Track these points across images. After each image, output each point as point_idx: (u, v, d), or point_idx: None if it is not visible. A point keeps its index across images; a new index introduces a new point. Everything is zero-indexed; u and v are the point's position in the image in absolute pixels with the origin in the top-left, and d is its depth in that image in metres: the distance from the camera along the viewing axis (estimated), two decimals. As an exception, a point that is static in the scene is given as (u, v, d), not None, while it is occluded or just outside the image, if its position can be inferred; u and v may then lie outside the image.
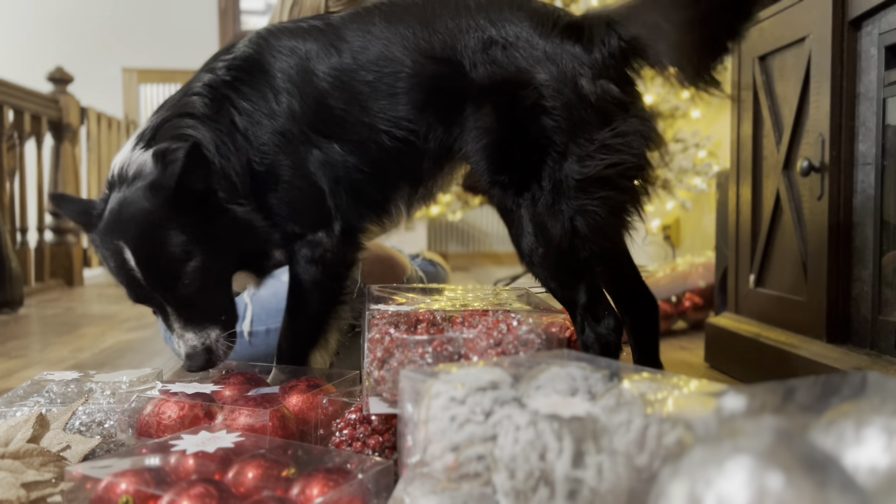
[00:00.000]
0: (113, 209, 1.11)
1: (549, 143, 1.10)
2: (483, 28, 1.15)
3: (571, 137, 1.10)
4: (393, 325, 0.91)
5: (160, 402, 1.00)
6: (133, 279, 1.10)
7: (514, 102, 1.12)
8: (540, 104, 1.10)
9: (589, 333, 1.13)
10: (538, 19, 1.14)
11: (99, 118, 4.40)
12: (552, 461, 0.54)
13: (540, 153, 1.11)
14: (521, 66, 1.12)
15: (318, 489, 0.74)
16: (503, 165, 1.14)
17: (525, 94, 1.11)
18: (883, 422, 0.47)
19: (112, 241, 1.09)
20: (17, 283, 2.86)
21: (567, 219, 1.10)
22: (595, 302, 1.14)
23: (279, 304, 1.62)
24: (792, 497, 0.39)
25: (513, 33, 1.13)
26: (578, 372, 0.68)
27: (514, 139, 1.13)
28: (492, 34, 1.14)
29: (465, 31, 1.15)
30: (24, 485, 0.81)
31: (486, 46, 1.14)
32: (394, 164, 1.22)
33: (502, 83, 1.12)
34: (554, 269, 1.13)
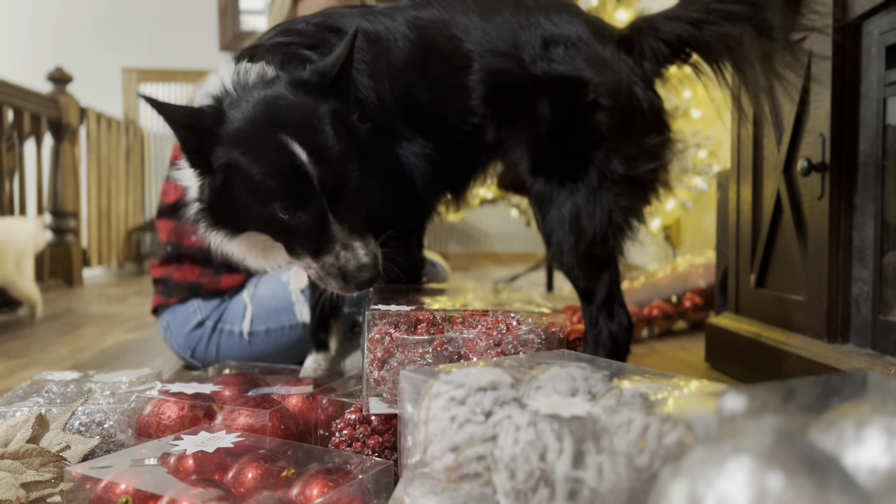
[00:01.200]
0: (261, 107, 0.98)
1: (601, 140, 1.17)
2: (544, 27, 1.19)
3: (623, 138, 1.18)
4: (393, 325, 0.91)
5: (160, 402, 1.00)
6: (300, 176, 0.95)
7: (572, 98, 1.18)
8: (598, 102, 1.17)
9: (602, 328, 1.18)
10: (595, 28, 1.21)
11: (98, 118, 4.40)
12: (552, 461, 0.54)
13: (591, 147, 1.18)
14: (581, 67, 1.18)
15: (318, 489, 0.74)
16: (551, 155, 1.19)
17: (584, 91, 1.17)
18: (883, 422, 0.46)
19: (273, 135, 0.95)
20: (17, 283, 2.85)
21: (606, 211, 1.18)
22: (613, 298, 1.20)
23: (278, 305, 1.63)
24: (792, 497, 0.39)
25: (574, 36, 1.19)
26: (578, 372, 0.68)
27: (567, 131, 1.18)
28: (553, 33, 1.19)
29: (524, 28, 1.19)
30: (23, 485, 0.81)
31: (546, 44, 1.18)
32: (457, 160, 1.23)
33: (562, 80, 1.18)
34: (583, 258, 1.19)
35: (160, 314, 1.71)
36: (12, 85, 3.26)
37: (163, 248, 1.70)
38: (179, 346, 1.67)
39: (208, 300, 1.65)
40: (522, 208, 2.87)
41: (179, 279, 1.66)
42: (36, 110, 3.56)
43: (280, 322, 1.63)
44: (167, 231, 1.69)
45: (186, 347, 1.67)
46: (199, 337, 1.65)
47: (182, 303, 1.66)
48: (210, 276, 1.65)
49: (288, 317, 1.62)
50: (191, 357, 1.68)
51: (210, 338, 1.65)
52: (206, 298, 1.65)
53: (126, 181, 4.91)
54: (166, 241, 1.68)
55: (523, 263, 5.39)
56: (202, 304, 1.64)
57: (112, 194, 4.64)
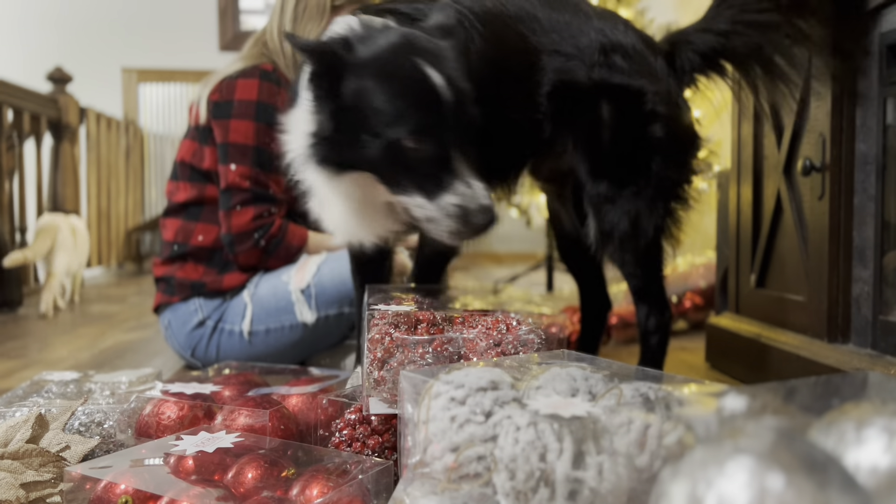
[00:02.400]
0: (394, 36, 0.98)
1: (660, 147, 1.25)
2: (603, 34, 1.24)
3: (677, 146, 1.27)
4: (393, 325, 0.91)
5: (159, 402, 1.00)
6: (432, 100, 0.93)
7: (631, 106, 1.24)
8: (655, 112, 1.24)
9: (653, 320, 1.29)
10: (646, 40, 1.28)
11: (98, 118, 4.40)
12: (552, 462, 0.54)
13: (650, 154, 1.25)
14: (638, 75, 1.24)
15: (318, 490, 0.74)
16: (611, 159, 1.26)
17: (643, 101, 1.23)
18: (884, 422, 0.46)
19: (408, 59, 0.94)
20: (17, 284, 2.85)
21: (661, 215, 1.28)
22: (663, 293, 1.31)
23: (278, 304, 1.63)
24: (793, 497, 0.39)
25: (630, 46, 1.25)
26: (578, 372, 0.68)
27: (626, 137, 1.25)
28: (612, 41, 1.24)
29: (585, 33, 1.24)
30: (23, 485, 0.81)
31: (605, 51, 1.24)
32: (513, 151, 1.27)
33: (622, 87, 1.23)
34: (642, 257, 1.27)
35: (161, 313, 1.71)
36: (12, 85, 3.26)
37: (168, 247, 1.69)
38: (180, 345, 1.67)
39: (210, 299, 1.64)
40: (522, 208, 2.87)
41: (182, 278, 1.66)
42: (35, 110, 3.55)
43: (280, 322, 1.62)
44: (174, 230, 1.68)
45: (187, 347, 1.66)
46: (200, 336, 1.65)
47: (184, 301, 1.65)
48: (213, 276, 1.65)
49: (288, 317, 1.61)
50: (191, 356, 1.68)
51: (210, 337, 1.64)
52: (207, 297, 1.64)
53: (126, 181, 4.91)
54: (172, 240, 1.68)
55: (523, 263, 5.39)
56: (203, 304, 1.64)
57: (112, 194, 4.64)
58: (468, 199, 0.93)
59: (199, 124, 1.66)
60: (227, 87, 1.59)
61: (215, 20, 5.27)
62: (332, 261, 1.63)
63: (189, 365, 1.75)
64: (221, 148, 1.59)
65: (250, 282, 1.66)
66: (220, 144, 1.60)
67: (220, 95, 1.60)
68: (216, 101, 1.60)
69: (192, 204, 1.67)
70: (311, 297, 1.60)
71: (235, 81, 1.58)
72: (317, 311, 1.60)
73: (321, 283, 1.60)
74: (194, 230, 1.66)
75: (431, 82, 0.93)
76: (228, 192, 1.59)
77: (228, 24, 5.25)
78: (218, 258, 1.66)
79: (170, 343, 1.72)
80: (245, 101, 1.56)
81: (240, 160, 1.57)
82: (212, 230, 1.65)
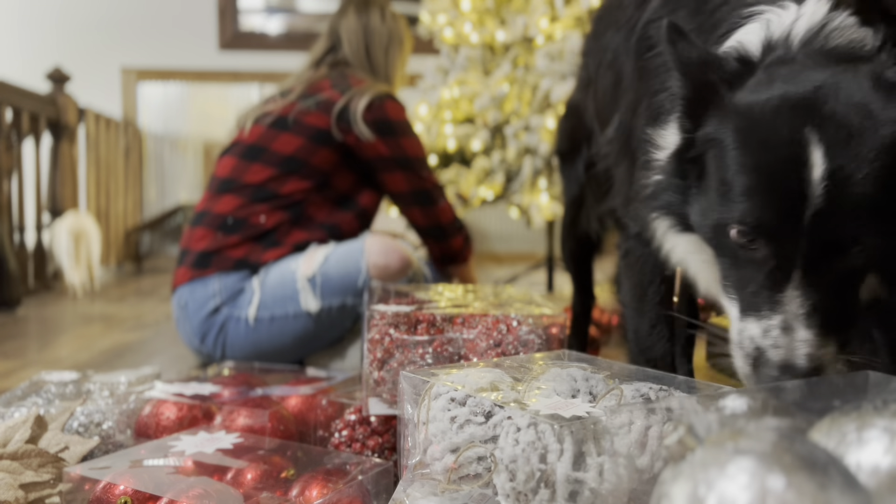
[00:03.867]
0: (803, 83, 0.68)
1: None
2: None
3: None
4: (393, 325, 0.91)
5: (158, 402, 1.00)
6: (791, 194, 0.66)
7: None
8: None
9: None
10: None
11: (97, 118, 4.40)
12: (553, 462, 0.54)
13: None
14: None
15: (318, 490, 0.73)
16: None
17: None
18: (885, 423, 0.46)
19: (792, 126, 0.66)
20: (15, 283, 2.85)
21: None
22: None
23: (284, 292, 1.64)
24: (794, 498, 0.39)
25: None
26: (579, 373, 0.68)
27: None
28: None
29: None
30: (22, 486, 0.80)
31: None
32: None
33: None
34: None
35: (179, 291, 1.70)
36: (11, 85, 3.26)
37: (219, 219, 1.71)
38: (192, 329, 1.67)
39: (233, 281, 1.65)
40: (523, 208, 2.88)
41: (226, 252, 1.67)
42: (34, 110, 3.55)
43: (285, 310, 1.63)
44: (234, 205, 1.71)
45: (199, 332, 1.66)
46: (212, 324, 1.65)
47: (205, 280, 1.65)
48: (257, 252, 1.68)
49: (293, 305, 1.62)
50: (200, 343, 1.68)
51: (222, 327, 1.65)
52: (245, 273, 1.66)
53: (125, 181, 4.90)
54: (228, 213, 1.70)
55: (523, 263, 5.39)
56: (223, 288, 1.64)
57: (111, 194, 4.63)
58: (774, 343, 0.67)
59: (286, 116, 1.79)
60: (377, 108, 1.79)
61: (214, 20, 5.27)
62: (339, 252, 1.65)
63: (188, 363, 1.75)
64: (399, 160, 1.82)
65: (262, 269, 1.66)
66: (397, 158, 1.82)
67: (373, 116, 1.77)
68: (372, 120, 1.77)
69: (264, 186, 1.72)
70: (316, 286, 1.62)
71: (384, 102, 1.80)
72: (321, 300, 1.62)
73: (327, 272, 1.62)
74: (258, 210, 1.70)
75: (802, 170, 0.65)
76: (427, 193, 1.86)
77: (228, 23, 5.25)
78: (268, 237, 1.69)
79: (180, 328, 1.71)
80: (400, 121, 1.83)
81: (426, 168, 1.88)
82: (275, 215, 1.70)
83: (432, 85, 3.24)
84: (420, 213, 1.88)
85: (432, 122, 3.04)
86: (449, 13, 3.07)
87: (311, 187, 1.76)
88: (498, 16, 3.02)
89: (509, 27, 2.96)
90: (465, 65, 3.00)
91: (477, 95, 2.87)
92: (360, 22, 1.96)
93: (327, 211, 1.78)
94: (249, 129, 1.82)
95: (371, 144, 1.77)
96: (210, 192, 1.79)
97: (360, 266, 1.62)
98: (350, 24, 1.96)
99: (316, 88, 1.83)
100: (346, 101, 1.77)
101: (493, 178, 2.83)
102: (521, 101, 2.87)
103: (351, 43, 1.95)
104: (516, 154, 3.06)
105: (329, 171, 1.78)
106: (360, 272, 1.62)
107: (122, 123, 4.87)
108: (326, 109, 1.77)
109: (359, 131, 1.75)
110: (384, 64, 1.97)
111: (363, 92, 1.79)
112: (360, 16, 1.96)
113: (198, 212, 1.79)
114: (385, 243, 1.65)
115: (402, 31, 2.02)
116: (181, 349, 2.03)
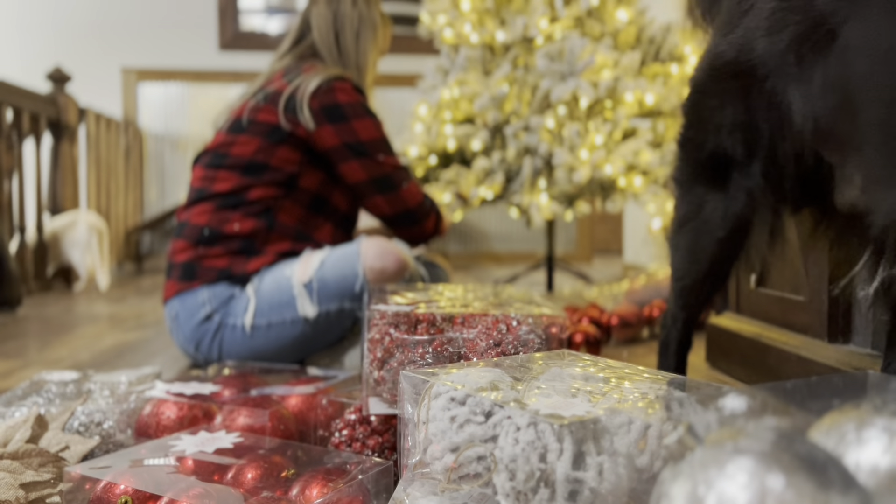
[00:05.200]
0: None
1: None
2: None
3: None
4: (393, 325, 0.91)
5: (159, 402, 1.00)
6: None
7: None
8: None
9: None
10: None
11: (98, 118, 4.40)
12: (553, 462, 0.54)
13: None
14: None
15: (318, 490, 0.74)
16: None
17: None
18: (884, 422, 0.46)
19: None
20: (16, 283, 2.85)
21: None
22: None
23: (281, 298, 1.63)
24: (793, 498, 0.39)
25: None
26: (579, 372, 0.68)
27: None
28: None
29: None
30: (22, 485, 0.80)
31: None
32: None
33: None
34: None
35: (170, 303, 1.70)
36: (11, 85, 3.26)
37: (196, 230, 1.69)
38: (185, 338, 1.67)
39: (222, 290, 1.64)
40: (523, 208, 2.88)
41: (208, 264, 1.66)
42: (35, 110, 3.55)
43: (282, 316, 1.63)
44: (208, 215, 1.69)
45: (192, 340, 1.66)
46: (206, 331, 1.65)
47: (194, 291, 1.65)
48: (240, 263, 1.66)
49: (290, 311, 1.62)
50: (195, 351, 1.68)
51: (216, 333, 1.65)
52: (229, 283, 1.65)
53: (125, 181, 4.91)
54: (205, 224, 1.69)
55: (523, 263, 5.39)
56: (212, 296, 1.64)
57: (111, 194, 4.63)
58: None
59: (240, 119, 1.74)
60: (325, 92, 1.69)
61: (215, 20, 5.27)
62: (334, 256, 1.64)
63: (189, 363, 1.75)
64: (353, 147, 1.70)
65: (256, 276, 1.66)
66: (350, 144, 1.70)
67: (320, 101, 1.68)
68: (319, 106, 1.68)
69: (233, 194, 1.70)
70: (312, 292, 1.61)
71: (333, 85, 1.69)
72: (318, 306, 1.61)
73: (323, 277, 1.61)
74: (230, 218, 1.67)
75: None
76: (388, 178, 1.73)
77: (228, 24, 5.25)
78: (248, 246, 1.68)
79: (174, 337, 1.71)
80: (352, 103, 1.71)
81: (384, 151, 1.74)
82: (248, 221, 1.68)
83: (432, 85, 3.24)
84: (384, 201, 1.76)
85: (432, 122, 3.04)
86: (449, 13, 3.07)
87: (278, 192, 1.69)
88: (498, 16, 3.02)
89: (509, 27, 2.95)
90: (465, 65, 3.00)
91: (477, 95, 2.87)
92: (331, 8, 1.84)
93: (301, 216, 1.72)
94: (214, 135, 1.80)
95: (321, 134, 1.68)
96: (187, 202, 1.77)
97: (357, 270, 1.61)
98: (320, 11, 1.86)
99: (269, 82, 1.77)
100: (292, 90, 1.69)
101: (492, 178, 2.83)
102: (520, 101, 2.87)
103: (320, 30, 1.85)
104: (516, 154, 3.06)
105: (294, 171, 1.70)
106: (357, 276, 1.60)
107: (122, 124, 4.87)
108: (274, 102, 1.70)
109: (304, 121, 1.67)
110: (354, 51, 1.84)
111: (311, 78, 1.70)
112: (331, 2, 1.85)
113: (179, 222, 1.77)
114: (381, 246, 1.63)
115: (376, 15, 1.88)
116: (181, 349, 2.04)
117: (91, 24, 5.21)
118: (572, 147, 2.68)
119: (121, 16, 5.23)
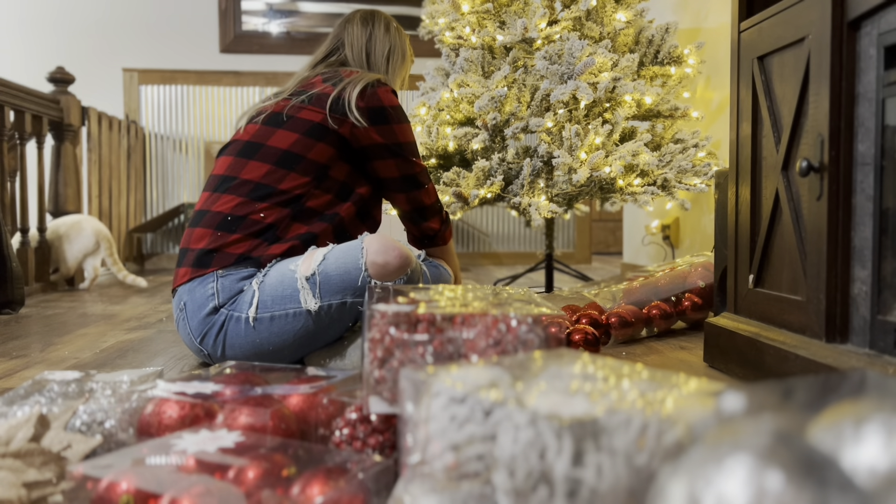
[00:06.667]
0: None
1: None
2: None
3: None
4: (393, 325, 0.91)
5: (161, 401, 1.00)
6: None
7: None
8: None
9: None
10: None
11: (100, 118, 4.40)
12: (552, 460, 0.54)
13: None
14: None
15: (319, 488, 0.74)
16: None
17: None
18: (882, 421, 0.47)
19: None
20: (19, 284, 2.86)
21: None
22: None
23: (284, 291, 1.64)
24: (791, 496, 0.39)
25: None
26: (578, 371, 0.68)
27: None
28: None
29: None
30: (24, 484, 0.81)
31: None
32: None
33: None
34: None
35: (179, 291, 1.71)
36: (14, 85, 3.27)
37: (218, 217, 1.71)
38: (191, 328, 1.68)
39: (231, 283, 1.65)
40: (522, 208, 2.88)
41: (228, 249, 1.68)
42: (37, 110, 3.56)
43: (284, 309, 1.64)
44: (232, 204, 1.72)
45: (198, 332, 1.67)
46: (212, 324, 1.65)
47: (204, 278, 1.66)
48: (261, 248, 1.69)
49: (292, 304, 1.63)
50: (199, 343, 1.68)
51: (222, 327, 1.66)
52: (247, 266, 1.67)
53: (127, 181, 4.91)
54: (228, 212, 1.71)
55: (523, 263, 5.39)
56: (221, 289, 1.65)
57: (113, 194, 4.64)
58: None
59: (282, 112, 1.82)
60: (370, 95, 1.82)
61: (215, 21, 5.28)
62: (338, 250, 1.65)
63: (189, 362, 1.75)
64: (391, 148, 1.85)
65: (261, 271, 1.67)
66: (390, 145, 1.84)
67: (366, 103, 1.80)
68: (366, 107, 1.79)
69: (263, 183, 1.74)
70: (315, 285, 1.62)
71: (377, 89, 1.83)
72: (320, 299, 1.62)
73: (326, 271, 1.63)
74: (257, 208, 1.71)
75: None
76: (416, 177, 1.90)
77: (229, 25, 5.26)
78: (270, 232, 1.70)
79: (179, 328, 1.72)
80: (395, 107, 1.86)
81: (415, 154, 1.92)
82: (275, 211, 1.71)
83: (432, 86, 3.25)
84: (405, 198, 1.93)
85: (432, 124, 3.05)
86: (449, 15, 3.07)
87: (310, 181, 1.77)
88: (497, 18, 3.02)
89: (509, 29, 2.96)
90: (465, 66, 3.00)
91: (477, 97, 2.87)
92: (365, 30, 2.02)
93: (327, 202, 1.80)
94: (244, 127, 1.84)
95: (366, 132, 1.80)
96: (208, 191, 1.80)
97: (360, 264, 1.63)
98: (354, 31, 2.01)
99: (308, 86, 1.86)
100: (338, 92, 1.80)
101: (492, 179, 2.84)
102: (520, 102, 2.88)
103: (353, 47, 2.00)
104: (515, 155, 3.06)
105: (326, 163, 1.79)
106: (360, 270, 1.63)
107: (124, 124, 4.88)
108: (320, 103, 1.79)
109: (354, 119, 1.78)
110: (384, 70, 2.01)
111: (356, 81, 1.82)
112: (366, 25, 2.02)
113: (197, 211, 1.79)
114: (384, 242, 1.65)
115: (406, 45, 2.07)
116: (183, 349, 2.04)
117: (93, 26, 5.21)
118: (571, 148, 2.69)
119: (123, 17, 5.24)
